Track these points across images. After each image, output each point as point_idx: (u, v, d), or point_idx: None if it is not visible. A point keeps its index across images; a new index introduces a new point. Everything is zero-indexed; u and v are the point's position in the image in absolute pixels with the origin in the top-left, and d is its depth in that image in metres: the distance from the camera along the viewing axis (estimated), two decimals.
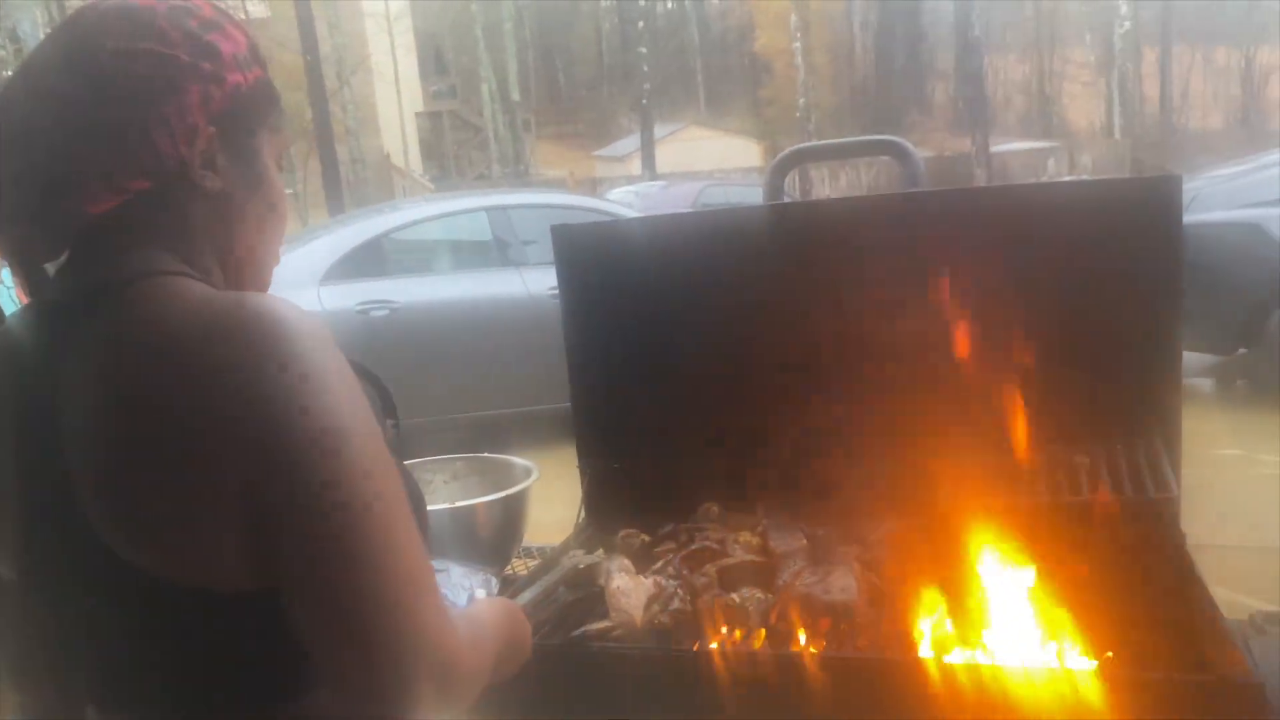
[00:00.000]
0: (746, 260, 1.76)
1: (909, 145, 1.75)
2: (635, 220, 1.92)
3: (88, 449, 0.81)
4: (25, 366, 0.88)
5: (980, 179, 18.20)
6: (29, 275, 0.97)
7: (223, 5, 0.97)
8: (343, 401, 0.78)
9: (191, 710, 0.85)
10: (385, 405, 5.80)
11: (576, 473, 1.96)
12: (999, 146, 22.32)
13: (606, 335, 1.87)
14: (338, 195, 13.31)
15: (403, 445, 5.62)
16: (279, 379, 0.76)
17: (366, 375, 5.73)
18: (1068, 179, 15.85)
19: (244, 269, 0.96)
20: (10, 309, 1.44)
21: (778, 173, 1.82)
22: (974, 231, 1.66)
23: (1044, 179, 18.99)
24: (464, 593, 1.61)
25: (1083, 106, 36.71)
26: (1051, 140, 27.92)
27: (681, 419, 1.83)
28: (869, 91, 36.91)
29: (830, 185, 21.10)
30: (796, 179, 22.24)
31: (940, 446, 1.67)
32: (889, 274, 1.66)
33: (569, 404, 1.97)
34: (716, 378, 1.80)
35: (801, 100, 25.00)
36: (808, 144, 1.94)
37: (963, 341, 1.60)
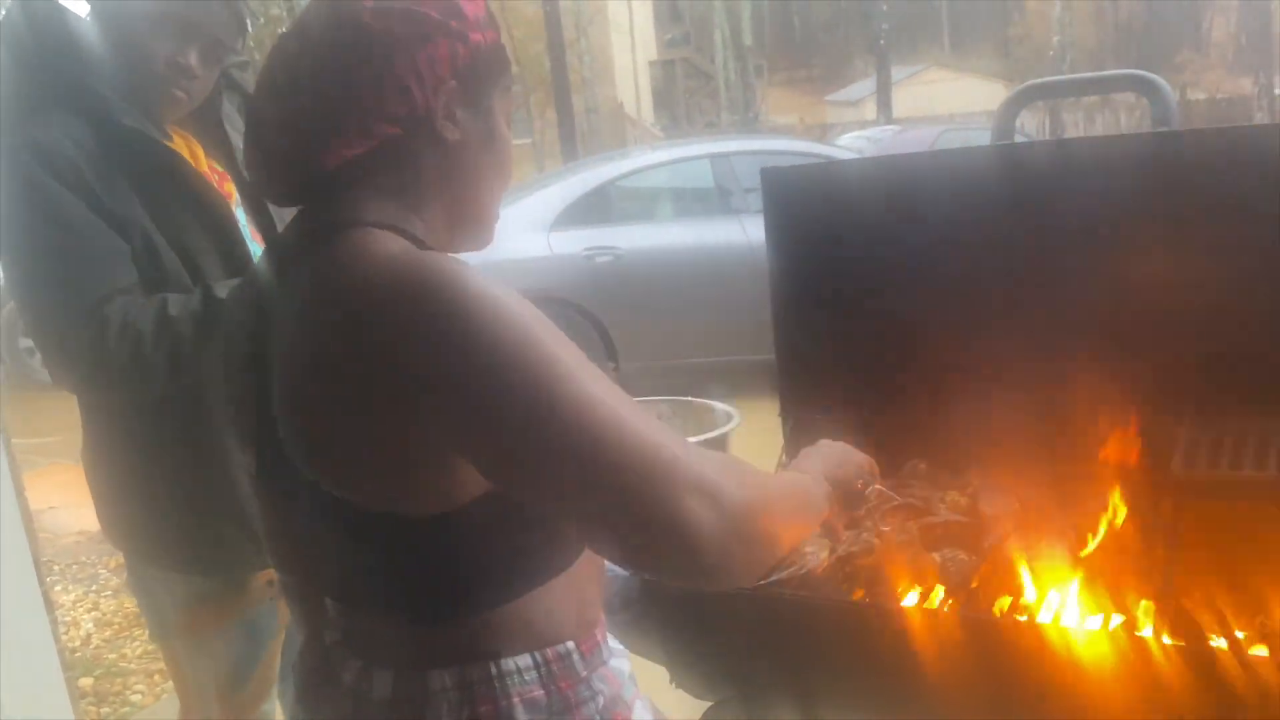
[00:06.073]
0: (968, 205, 1.65)
1: (1160, 80, 1.57)
2: (850, 162, 1.85)
3: (282, 384, 0.89)
4: (257, 297, 0.96)
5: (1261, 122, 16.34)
6: (259, 217, 1.06)
7: None
8: (510, 346, 0.79)
9: (396, 613, 0.92)
10: (607, 348, 5.96)
11: (779, 423, 1.93)
12: None
13: (816, 281, 1.82)
14: (572, 144, 13.67)
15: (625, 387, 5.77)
16: (443, 330, 0.79)
17: (589, 318, 5.90)
18: None
19: (468, 219, 1.00)
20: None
21: (1008, 110, 1.69)
22: (1236, 177, 1.47)
23: None
24: None
25: None
26: None
27: (891, 371, 1.76)
28: (1134, 28, 33.76)
29: (1085, 131, 19.50)
30: (1047, 123, 20.66)
31: (1190, 414, 1.52)
32: (1131, 222, 1.51)
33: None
34: (931, 329, 1.71)
35: (1056, 38, 23.14)
36: (1042, 79, 1.78)
37: (1218, 302, 1.43)
